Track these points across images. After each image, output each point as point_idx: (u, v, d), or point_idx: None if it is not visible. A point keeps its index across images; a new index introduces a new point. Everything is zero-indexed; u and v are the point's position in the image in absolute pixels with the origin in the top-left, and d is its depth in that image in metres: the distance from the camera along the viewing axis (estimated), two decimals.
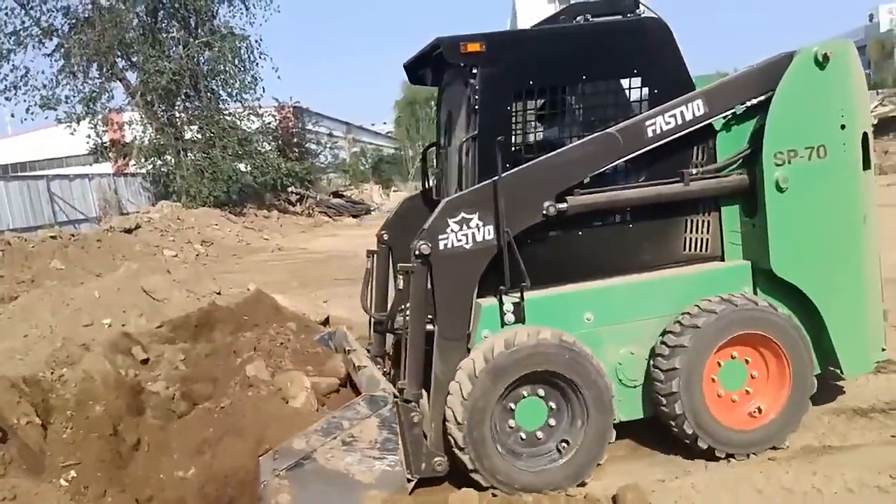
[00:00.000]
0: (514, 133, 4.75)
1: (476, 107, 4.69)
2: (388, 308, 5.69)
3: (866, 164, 4.93)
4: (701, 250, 5.05)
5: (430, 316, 4.59)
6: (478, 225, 4.54)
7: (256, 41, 30.91)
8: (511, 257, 4.52)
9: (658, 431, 4.93)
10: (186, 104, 29.81)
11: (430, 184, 5.94)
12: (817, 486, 4.24)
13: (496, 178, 4.50)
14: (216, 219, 24.78)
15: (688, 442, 4.74)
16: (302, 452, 4.26)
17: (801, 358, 4.75)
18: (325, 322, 8.43)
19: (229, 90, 30.04)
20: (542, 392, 4.57)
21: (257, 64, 30.54)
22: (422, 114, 65.83)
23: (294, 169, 31.64)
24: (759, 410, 4.77)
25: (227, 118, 29.70)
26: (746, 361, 4.82)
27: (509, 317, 4.62)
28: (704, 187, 4.89)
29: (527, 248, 4.62)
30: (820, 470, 4.39)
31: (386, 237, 5.90)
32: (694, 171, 4.88)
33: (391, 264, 5.86)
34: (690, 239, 5.04)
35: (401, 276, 4.82)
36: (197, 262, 18.02)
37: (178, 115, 29.52)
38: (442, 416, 4.50)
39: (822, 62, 4.72)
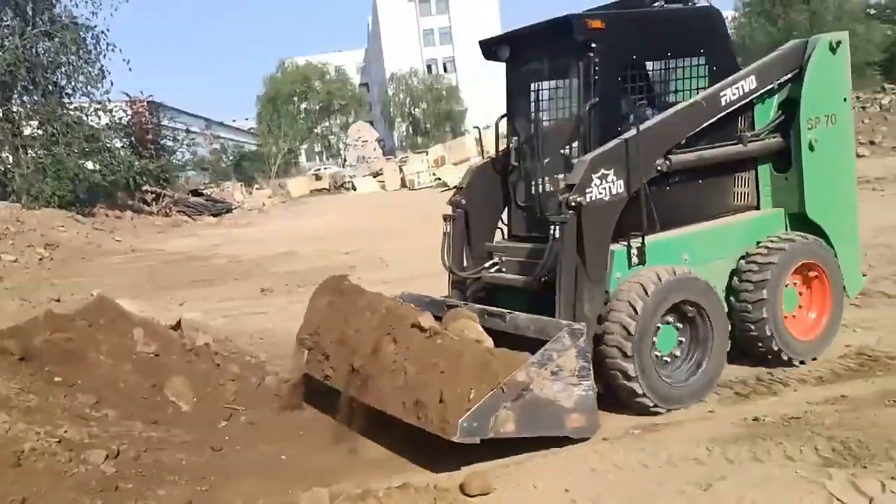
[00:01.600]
0: (623, 100, 5.60)
1: (596, 77, 5.41)
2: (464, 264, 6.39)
3: None
4: (744, 202, 6.16)
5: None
6: (613, 179, 5.20)
7: (103, 32, 29.09)
8: (647, 207, 5.29)
9: None
10: (24, 98, 27.68)
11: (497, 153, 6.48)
12: (644, 461, 4.55)
13: (627, 137, 5.23)
14: (62, 220, 23.16)
15: (770, 357, 5.76)
16: (523, 384, 4.67)
17: (837, 280, 6.08)
18: (177, 326, 8.12)
19: (74, 83, 28.18)
20: (670, 319, 5.33)
21: (104, 56, 28.77)
22: (284, 110, 64.74)
23: (148, 167, 30.13)
24: (813, 320, 6.02)
25: (73, 113, 27.84)
26: (794, 285, 5.95)
27: (634, 260, 5.35)
28: (754, 148, 6.01)
29: (639, 201, 5.31)
30: (647, 447, 4.72)
31: (463, 202, 6.35)
32: (748, 134, 5.96)
33: (467, 227, 6.38)
34: (737, 192, 6.12)
35: (556, 226, 5.20)
36: (41, 267, 16.80)
37: (14, 109, 27.35)
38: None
39: (834, 48, 6.00)
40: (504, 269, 6.11)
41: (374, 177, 39.09)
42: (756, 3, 45.11)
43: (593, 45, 5.40)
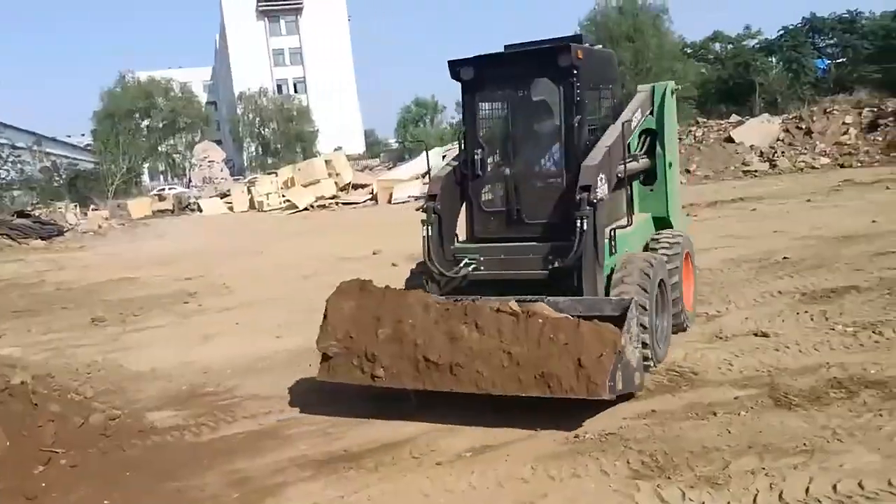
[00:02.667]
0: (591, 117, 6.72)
1: (578, 97, 6.39)
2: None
3: None
4: (632, 207, 7.32)
5: None
6: (605, 181, 6.23)
7: None
8: (628, 205, 7.14)
9: (330, 454, 5.09)
10: None
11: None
12: (474, 483, 4.69)
13: (609, 145, 6.38)
14: None
15: (675, 325, 7.06)
16: (623, 348, 5.32)
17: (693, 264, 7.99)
18: None
19: None
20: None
21: None
22: (123, 126, 61.02)
23: None
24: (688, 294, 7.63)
25: None
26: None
27: (613, 249, 6.44)
28: (643, 165, 7.50)
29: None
30: (477, 468, 4.86)
31: (438, 206, 6.76)
32: (637, 153, 7.45)
33: (441, 229, 6.81)
34: (628, 200, 7.21)
35: (583, 220, 6.07)
36: None
37: None
38: None
39: (672, 92, 7.77)
40: (483, 268, 6.68)
41: (222, 198, 37.77)
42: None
43: (575, 70, 6.31)
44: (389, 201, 31.61)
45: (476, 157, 6.81)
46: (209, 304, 11.86)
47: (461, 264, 6.68)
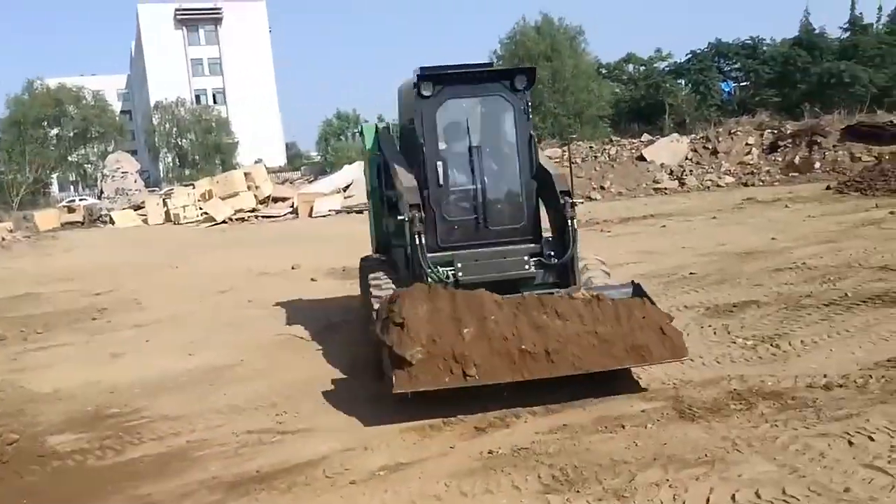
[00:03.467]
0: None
1: (529, 116, 7.27)
2: None
3: None
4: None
5: None
6: None
7: None
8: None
9: (241, 475, 4.95)
10: None
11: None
12: (387, 502, 4.63)
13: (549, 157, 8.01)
14: None
15: None
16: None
17: None
18: None
19: None
20: None
21: None
22: (30, 135, 58.18)
23: None
24: None
25: None
26: None
27: None
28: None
29: None
30: (391, 487, 4.81)
31: (423, 216, 7.07)
32: None
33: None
34: None
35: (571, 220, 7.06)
36: None
37: None
38: None
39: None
40: (469, 273, 7.09)
41: (136, 210, 36.41)
42: (507, 59, 48.83)
43: (527, 90, 7.18)
44: (310, 215, 31.21)
45: (438, 168, 7.14)
46: (119, 320, 11.39)
47: (451, 269, 7.07)
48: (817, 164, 25.29)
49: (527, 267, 7.19)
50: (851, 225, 14.41)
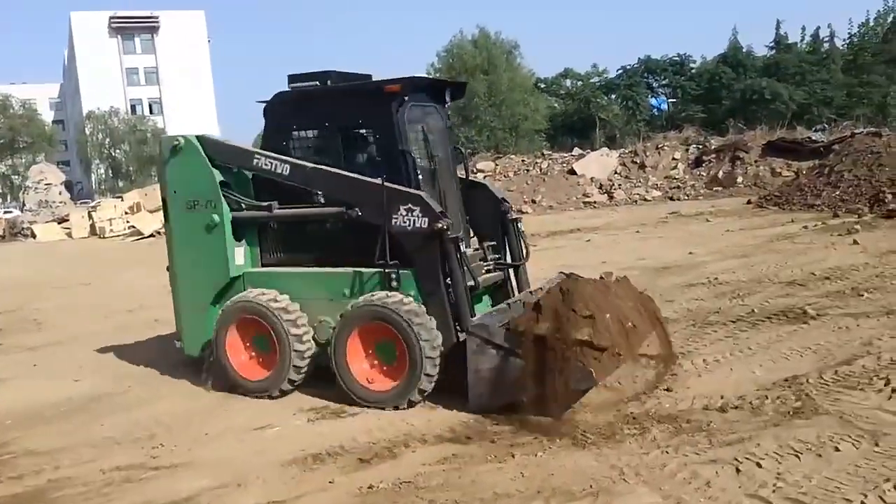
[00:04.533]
0: None
1: (451, 126, 7.63)
2: None
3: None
4: None
5: None
6: None
7: None
8: None
9: None
10: None
11: None
12: None
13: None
14: None
15: None
16: None
17: None
18: None
19: None
20: None
21: None
22: None
23: None
24: None
25: None
26: None
27: None
28: None
29: None
30: None
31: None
32: None
33: None
34: None
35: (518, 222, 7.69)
36: None
37: None
38: None
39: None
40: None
41: (59, 223, 34.92)
42: (445, 71, 48.87)
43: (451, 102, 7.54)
44: None
45: (421, 174, 6.91)
46: (12, 342, 10.67)
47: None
48: (739, 179, 25.81)
49: (484, 271, 7.19)
50: (766, 239, 14.59)
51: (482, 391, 5.98)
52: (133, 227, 31.96)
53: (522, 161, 29.66)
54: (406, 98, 6.75)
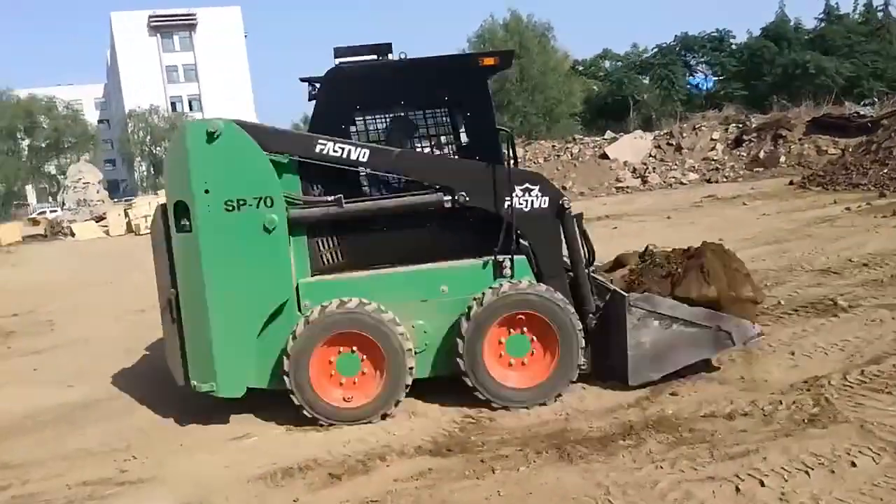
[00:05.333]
0: None
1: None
2: None
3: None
4: None
5: None
6: None
7: None
8: None
9: None
10: None
11: None
12: None
13: None
14: None
15: None
16: None
17: None
18: None
19: None
20: None
21: None
22: None
23: None
24: None
25: None
26: None
27: None
28: None
29: None
30: None
31: None
32: None
33: None
34: None
35: None
36: None
37: None
38: None
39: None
40: None
41: (97, 221, 35.48)
42: None
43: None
44: None
45: (514, 152, 6.56)
46: (21, 345, 10.64)
47: None
48: (782, 159, 24.76)
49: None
50: (804, 223, 13.82)
51: (644, 365, 5.94)
52: None
53: (553, 147, 29.00)
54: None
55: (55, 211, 49.18)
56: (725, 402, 5.58)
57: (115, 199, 47.09)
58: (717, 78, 53.08)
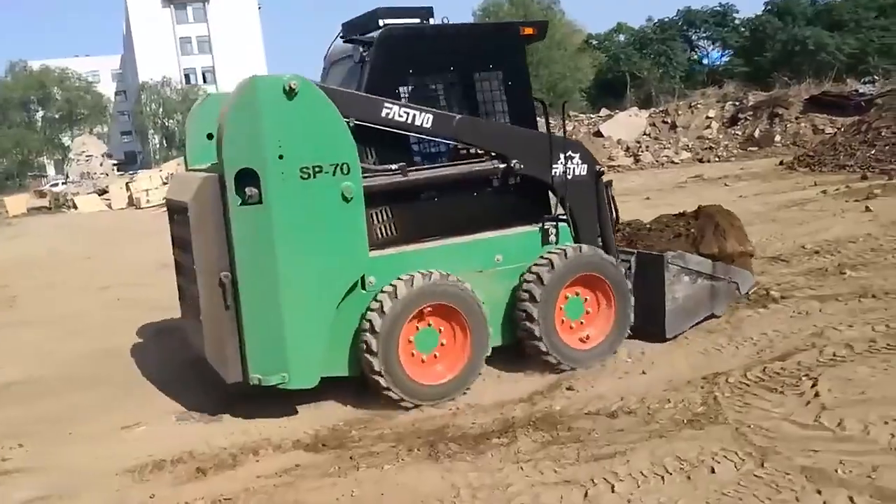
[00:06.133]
0: None
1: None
2: None
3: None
4: None
5: None
6: None
7: None
8: None
9: None
10: None
11: None
12: None
13: None
14: None
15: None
16: None
17: None
18: None
19: None
20: None
21: None
22: (13, 118, 57.46)
23: None
24: None
25: None
26: None
27: None
28: None
29: None
30: None
31: None
32: None
33: None
34: None
35: None
36: None
37: None
38: None
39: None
40: None
41: (100, 195, 35.64)
42: None
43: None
44: None
45: (548, 119, 6.81)
46: None
47: None
48: (777, 138, 24.16)
49: None
50: (776, 206, 13.46)
51: (678, 318, 6.50)
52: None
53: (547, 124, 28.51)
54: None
55: (55, 184, 49.44)
56: (616, 399, 5.43)
57: (132, 172, 47.16)
58: (729, 52, 51.70)
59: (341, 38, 6.27)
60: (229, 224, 5.12)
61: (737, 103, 26.45)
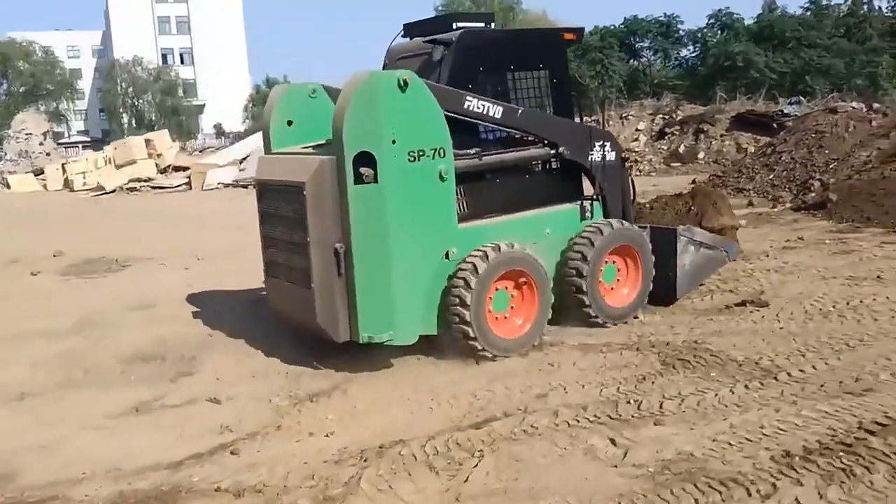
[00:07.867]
0: None
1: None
2: None
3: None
4: None
5: None
6: None
7: None
8: None
9: None
10: None
11: None
12: None
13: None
14: None
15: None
16: None
17: None
18: None
19: None
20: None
21: None
22: None
23: None
24: None
25: None
26: None
27: None
28: None
29: None
30: None
31: None
32: None
33: None
34: None
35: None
36: None
37: None
38: None
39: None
40: None
41: (37, 175, 34.61)
42: None
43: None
44: (203, 187, 29.54)
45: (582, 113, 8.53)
46: None
47: None
48: (701, 154, 23.71)
49: None
50: None
51: (685, 282, 7.65)
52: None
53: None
54: None
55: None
56: (288, 469, 4.82)
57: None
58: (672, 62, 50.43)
59: (404, 37, 7.30)
60: (345, 200, 5.87)
61: (666, 117, 25.95)
